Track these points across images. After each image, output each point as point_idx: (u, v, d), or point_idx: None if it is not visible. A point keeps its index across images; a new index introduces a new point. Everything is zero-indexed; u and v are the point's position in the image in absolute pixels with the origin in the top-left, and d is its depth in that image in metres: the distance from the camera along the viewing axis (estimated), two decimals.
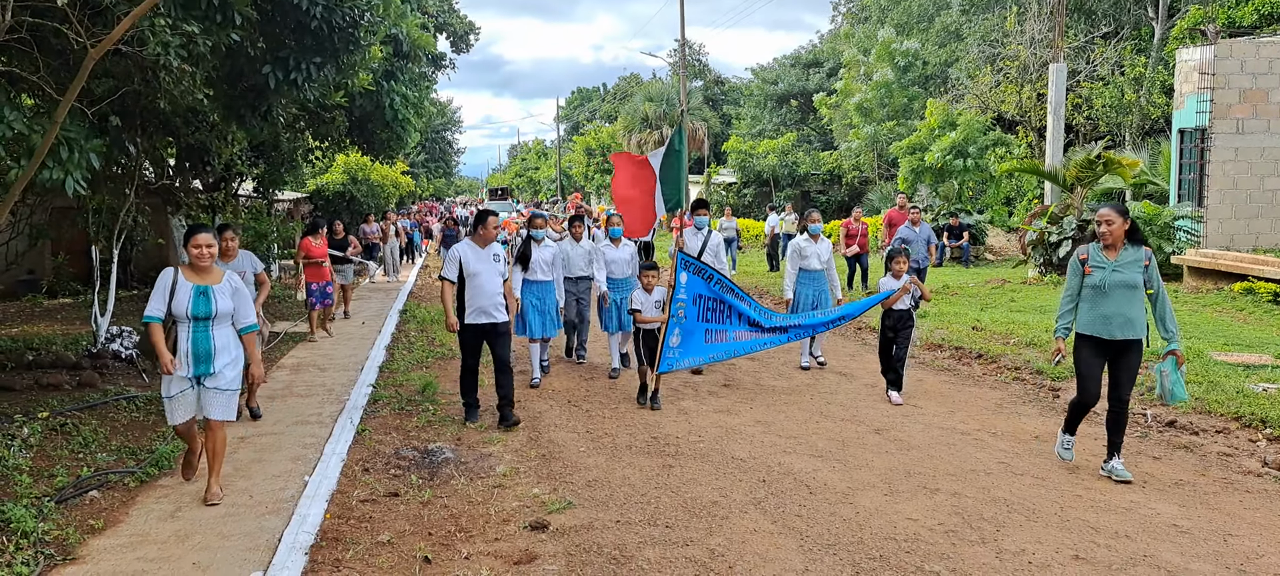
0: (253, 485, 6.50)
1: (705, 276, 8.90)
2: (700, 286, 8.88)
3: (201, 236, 6.09)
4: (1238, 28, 21.10)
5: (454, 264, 8.05)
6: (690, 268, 8.85)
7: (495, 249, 8.22)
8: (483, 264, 8.05)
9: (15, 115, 6.71)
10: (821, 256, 10.46)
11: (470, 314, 8.01)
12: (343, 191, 24.15)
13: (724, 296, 8.98)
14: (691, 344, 8.85)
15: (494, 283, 8.05)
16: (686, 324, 8.79)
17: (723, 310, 8.98)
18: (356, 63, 10.01)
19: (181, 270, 6.06)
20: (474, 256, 8.08)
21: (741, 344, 9.07)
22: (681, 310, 8.73)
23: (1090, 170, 18.98)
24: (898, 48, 32.49)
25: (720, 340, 9.00)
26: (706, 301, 8.90)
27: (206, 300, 5.99)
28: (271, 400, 9.15)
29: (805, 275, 10.48)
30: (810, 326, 9.35)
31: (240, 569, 5.07)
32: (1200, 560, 5.10)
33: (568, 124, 76.83)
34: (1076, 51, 27.22)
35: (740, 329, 9.02)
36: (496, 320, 8.08)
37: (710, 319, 8.93)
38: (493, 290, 8.03)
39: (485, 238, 8.17)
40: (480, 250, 8.14)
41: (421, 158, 48.61)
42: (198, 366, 5.99)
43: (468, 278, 7.99)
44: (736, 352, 9.17)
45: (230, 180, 17.22)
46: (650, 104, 48.98)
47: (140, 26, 6.97)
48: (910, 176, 27.43)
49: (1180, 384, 6.47)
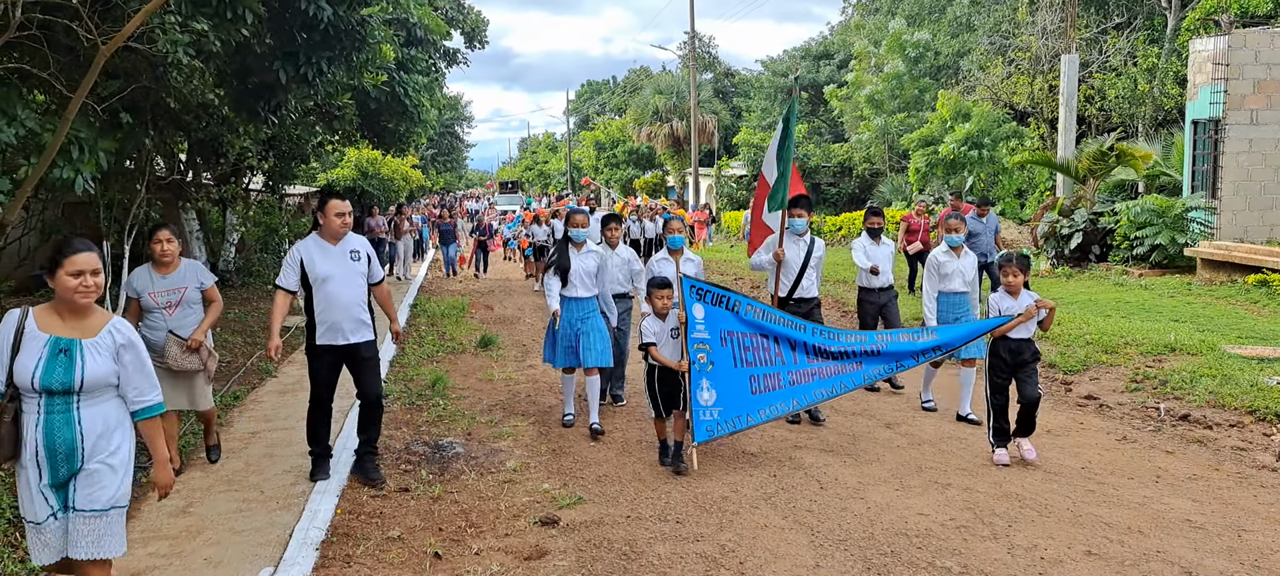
0: (264, 480, 6.52)
1: (728, 304, 6.87)
2: (726, 321, 6.85)
3: (80, 256, 3.74)
4: (1251, 18, 20.92)
5: (293, 268, 6.19)
6: (705, 297, 6.81)
7: (355, 245, 6.36)
8: (334, 264, 6.21)
9: (26, 112, 6.74)
10: (965, 275, 8.10)
11: (321, 332, 6.20)
12: (353, 186, 24.23)
13: (767, 326, 6.97)
14: (733, 398, 6.79)
15: (351, 290, 6.23)
16: (719, 372, 6.77)
17: (768, 346, 6.98)
18: (366, 61, 10.02)
19: (35, 313, 3.80)
20: (321, 256, 6.21)
21: (805, 388, 7.01)
22: (706, 354, 6.71)
23: (1103, 162, 18.89)
24: (908, 39, 32.35)
25: (772, 387, 6.94)
26: (740, 339, 6.89)
27: (67, 363, 3.68)
28: (282, 395, 9.18)
29: (945, 299, 8.09)
30: (897, 353, 7.13)
31: (252, 564, 5.09)
32: (1214, 555, 5.07)
33: (577, 117, 76.79)
34: (1088, 42, 27.05)
35: (798, 366, 7.01)
36: (355, 340, 6.25)
37: (752, 361, 6.92)
38: (350, 300, 6.21)
39: (333, 230, 6.26)
40: (330, 247, 6.25)
41: (431, 152, 48.67)
42: (55, 472, 3.71)
43: (315, 284, 6.17)
44: (802, 400, 7.05)
45: (241, 174, 17.28)
46: (660, 97, 48.89)
47: (150, 24, 6.99)
48: (922, 168, 27.32)
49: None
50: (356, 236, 6.44)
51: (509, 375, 10.28)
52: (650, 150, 51.00)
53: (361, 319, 6.27)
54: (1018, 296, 6.82)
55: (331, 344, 6.21)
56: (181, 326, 6.38)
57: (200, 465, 6.90)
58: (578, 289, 7.90)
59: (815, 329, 7.12)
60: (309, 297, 6.21)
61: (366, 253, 6.41)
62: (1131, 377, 9.04)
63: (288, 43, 9.16)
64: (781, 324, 7.04)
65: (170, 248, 6.38)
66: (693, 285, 6.81)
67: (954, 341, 7.13)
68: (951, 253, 8.14)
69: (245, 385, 9.54)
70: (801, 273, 7.97)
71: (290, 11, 8.71)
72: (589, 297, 7.95)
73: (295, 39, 9.09)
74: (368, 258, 6.40)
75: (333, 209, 6.22)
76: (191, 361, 6.35)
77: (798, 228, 8.02)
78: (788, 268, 7.96)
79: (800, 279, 7.97)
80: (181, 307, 6.39)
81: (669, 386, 6.74)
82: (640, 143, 50.81)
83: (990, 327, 6.86)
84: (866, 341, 7.17)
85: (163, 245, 6.34)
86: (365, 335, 6.32)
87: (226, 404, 8.69)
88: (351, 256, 6.27)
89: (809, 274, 7.99)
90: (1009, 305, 6.81)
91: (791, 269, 7.97)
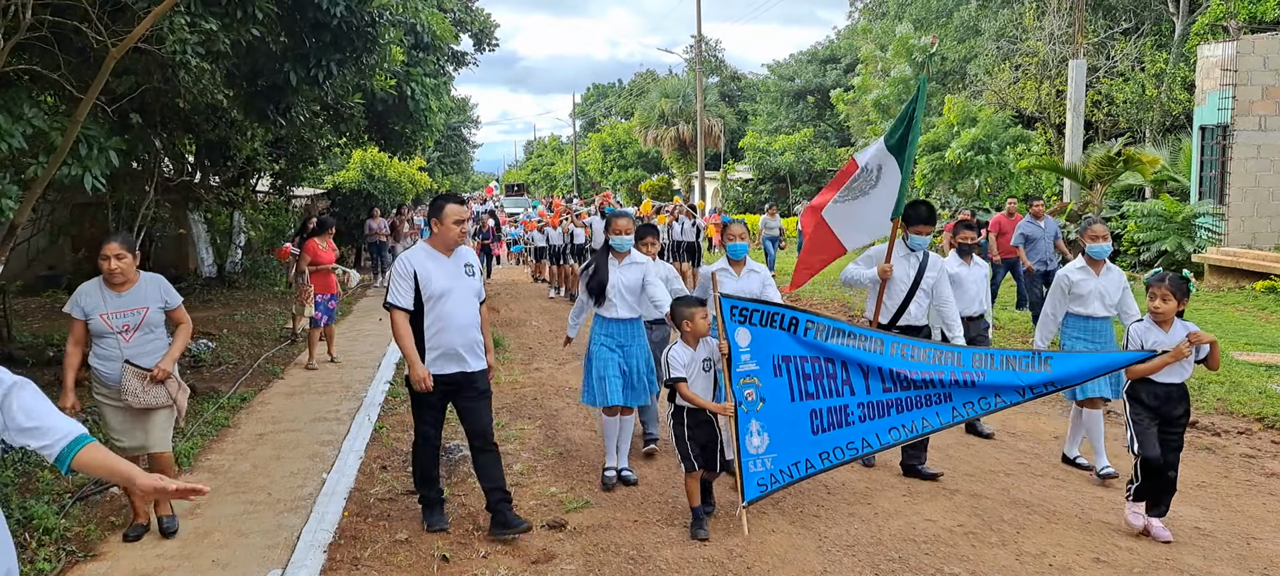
0: (271, 482, 6.53)
1: (783, 322, 5.58)
2: (780, 343, 5.57)
3: None
4: (1260, 23, 20.87)
5: (406, 282, 5.36)
6: (750, 317, 5.52)
7: (468, 258, 5.64)
8: (449, 279, 5.43)
9: (35, 112, 6.76)
10: (1107, 296, 6.54)
11: (432, 357, 5.38)
12: (359, 188, 24.24)
13: (833, 348, 5.62)
14: (790, 440, 5.53)
15: (468, 309, 5.46)
16: (772, 410, 5.50)
17: (833, 373, 5.65)
18: (376, 63, 10.03)
19: None
20: (435, 268, 5.42)
21: (880, 426, 5.63)
22: (754, 391, 5.47)
23: (1110, 167, 18.85)
24: (915, 43, 32.31)
25: (838, 424, 5.61)
26: (799, 365, 5.61)
27: None
28: (289, 398, 9.19)
29: (1078, 324, 6.61)
30: (998, 385, 5.55)
31: (259, 566, 5.09)
32: (1223, 564, 5.05)
33: (584, 120, 76.81)
34: (1096, 47, 27.00)
35: (871, 397, 5.64)
36: (471, 367, 5.47)
37: (814, 392, 5.61)
38: (466, 320, 5.44)
39: (450, 240, 5.49)
40: (444, 259, 5.48)
41: (437, 155, 48.73)
42: None
43: (427, 302, 5.37)
44: (875, 440, 5.66)
45: (249, 176, 17.32)
46: (666, 100, 48.93)
47: (159, 24, 6.99)
48: (929, 173, 27.29)
49: None
50: (467, 248, 5.70)
51: (515, 378, 10.28)
52: (656, 154, 51.04)
53: (477, 341, 5.51)
54: (1170, 328, 5.39)
55: (444, 372, 5.38)
56: (141, 354, 5.29)
57: (207, 466, 6.91)
58: (618, 308, 6.50)
59: (895, 344, 5.72)
60: (416, 318, 5.36)
61: (478, 267, 5.74)
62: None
63: (298, 44, 9.17)
64: (852, 344, 5.64)
65: (121, 265, 5.25)
66: (734, 306, 5.51)
67: (1072, 376, 5.53)
68: (1089, 268, 6.58)
69: (252, 387, 9.55)
70: (910, 295, 6.48)
71: (301, 13, 8.73)
72: (633, 319, 6.53)
73: (305, 41, 9.11)
74: (478, 273, 5.71)
75: (451, 215, 5.41)
76: (155, 395, 5.31)
77: (914, 244, 6.50)
78: (892, 287, 6.46)
79: (908, 303, 6.47)
80: (141, 332, 5.31)
81: (705, 433, 5.49)
82: (646, 146, 50.86)
83: (1125, 363, 5.44)
84: (960, 364, 5.63)
85: (111, 263, 5.24)
86: (481, 362, 5.53)
87: (234, 406, 8.71)
88: (466, 271, 5.52)
89: (918, 298, 6.48)
90: (1156, 338, 5.39)
91: (897, 289, 6.47)
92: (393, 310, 5.36)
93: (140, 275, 5.42)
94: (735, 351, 5.45)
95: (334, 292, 10.85)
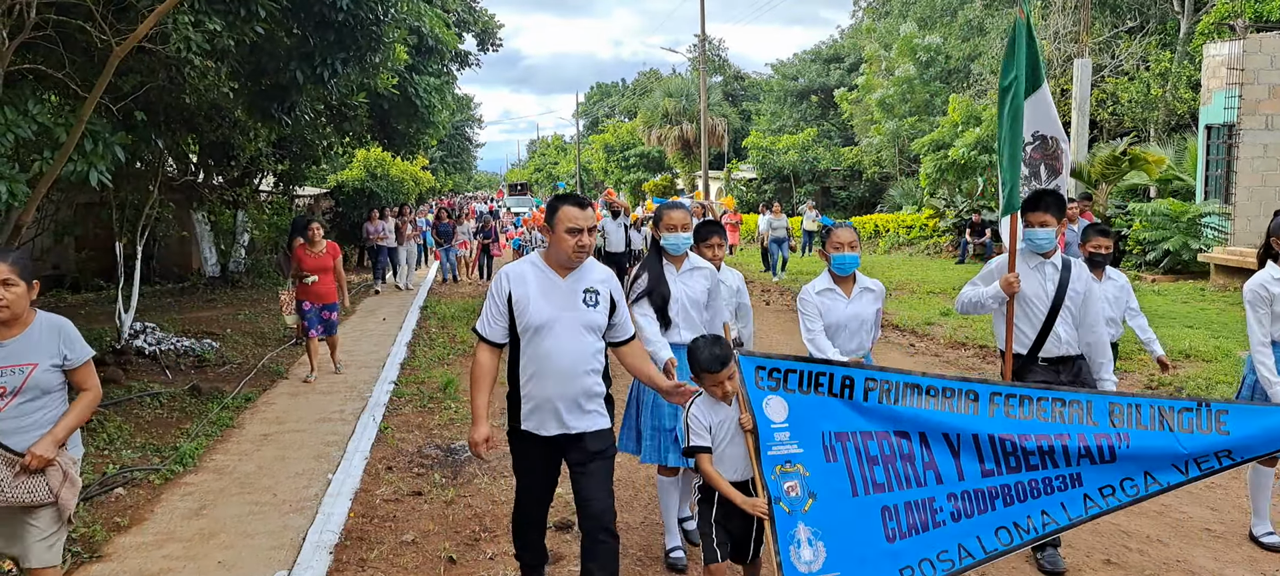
0: (277, 483, 6.51)
1: (833, 386, 3.98)
2: (831, 414, 3.97)
3: None
4: (1266, 22, 20.81)
5: (496, 303, 4.03)
6: (785, 380, 3.96)
7: (592, 280, 4.10)
8: (556, 306, 4.00)
9: (39, 108, 6.74)
10: None
11: (527, 410, 4.05)
12: (362, 187, 24.23)
13: (908, 412, 3.99)
14: (854, 551, 3.85)
15: (579, 349, 4.00)
16: (826, 508, 3.86)
17: (910, 450, 3.99)
18: (381, 61, 10.01)
19: None
20: (539, 290, 4.03)
21: (984, 524, 3.96)
22: (799, 484, 3.86)
23: (1115, 166, 18.83)
24: (920, 42, 32.28)
25: (921, 524, 3.93)
26: (860, 443, 3.96)
27: None
28: (293, 398, 9.17)
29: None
30: (1156, 453, 3.98)
31: (265, 567, 5.07)
32: (1234, 565, 5.02)
33: (587, 119, 76.84)
34: (1101, 46, 26.96)
35: (968, 482, 3.98)
36: (578, 428, 4.03)
37: (883, 482, 3.95)
38: (574, 363, 3.99)
39: (565, 255, 4.02)
40: (556, 279, 4.05)
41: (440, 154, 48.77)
42: None
43: (526, 333, 4.00)
44: (977, 548, 3.94)
45: (252, 175, 17.33)
46: (670, 99, 48.95)
47: (163, 23, 6.98)
48: (933, 172, 27.26)
49: None
50: (599, 265, 4.25)
51: None
52: (660, 153, 51.03)
53: (591, 392, 4.04)
54: None
55: (540, 432, 4.03)
56: (18, 430, 3.71)
57: (212, 466, 6.89)
58: (681, 329, 4.89)
59: (995, 396, 4.01)
60: (512, 352, 4.07)
61: (610, 292, 4.12)
62: (1146, 384, 8.97)
63: (302, 43, 9.16)
64: (934, 404, 3.99)
65: (6, 297, 3.67)
66: (759, 365, 3.94)
67: (1261, 441, 3.91)
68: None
69: (257, 387, 9.53)
70: (1052, 316, 4.91)
71: (305, 11, 8.71)
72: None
73: (310, 39, 9.09)
74: (612, 302, 4.12)
75: (564, 221, 3.96)
76: (29, 489, 3.69)
77: (1039, 242, 4.94)
78: (1027, 307, 4.96)
79: (1050, 325, 4.92)
80: (21, 398, 3.72)
81: (740, 523, 3.99)
82: (650, 145, 50.85)
83: None
84: (1091, 417, 3.98)
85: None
86: (595, 421, 4.07)
87: (238, 406, 8.68)
88: (586, 299, 4.03)
89: (1063, 316, 4.91)
90: None
91: (1033, 309, 4.95)
92: (481, 344, 4.07)
93: (36, 315, 3.85)
94: (765, 428, 3.86)
95: (329, 302, 9.78)
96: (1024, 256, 5.00)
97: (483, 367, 4.05)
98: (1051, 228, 4.91)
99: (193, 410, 8.44)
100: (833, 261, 4.95)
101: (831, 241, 4.97)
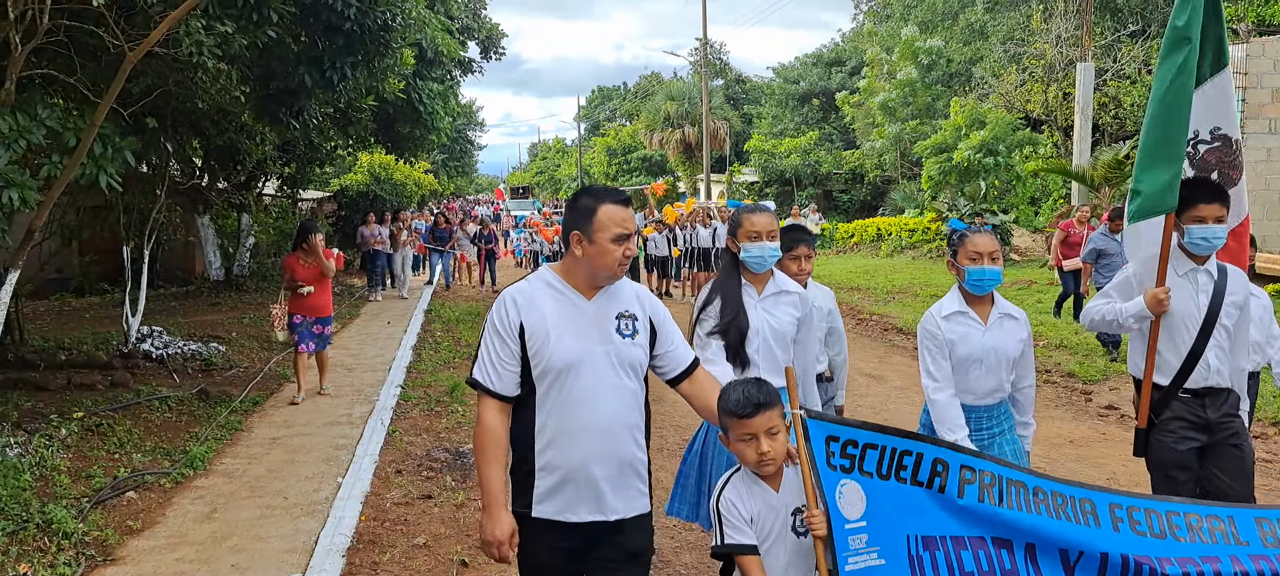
0: (287, 486, 6.52)
1: (919, 470, 2.90)
2: (920, 510, 2.91)
3: None
4: (1269, 26, 20.85)
5: (504, 341, 2.92)
6: (859, 459, 2.87)
7: (626, 303, 3.04)
8: (585, 338, 2.94)
9: (48, 112, 6.75)
10: None
11: (542, 490, 2.94)
12: (366, 191, 24.25)
13: (1010, 516, 2.93)
14: None
15: (616, 398, 2.95)
16: None
17: (1016, 568, 2.93)
18: (389, 66, 10.05)
19: None
20: (561, 317, 2.96)
21: None
22: None
23: (1118, 170, 18.83)
24: (921, 46, 32.29)
25: None
26: (955, 554, 2.90)
27: None
28: (300, 402, 9.17)
29: None
30: None
31: (279, 571, 5.09)
32: None
33: (588, 123, 76.86)
34: (1103, 50, 26.98)
35: None
36: (618, 513, 2.98)
37: None
38: (608, 419, 2.93)
39: (602, 268, 2.96)
40: (581, 302, 3.00)
41: (442, 157, 48.84)
42: None
43: (545, 379, 2.92)
44: None
45: (258, 179, 17.36)
46: (672, 103, 48.98)
47: (175, 27, 6.99)
48: (935, 176, 27.29)
49: None
50: (632, 284, 3.15)
51: None
52: (662, 156, 51.07)
53: (635, 461, 3.01)
54: None
55: (565, 519, 2.94)
56: None
57: (222, 470, 6.91)
58: (760, 367, 3.86)
59: (1117, 508, 3.01)
60: (524, 400, 2.95)
61: (650, 316, 3.08)
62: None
63: (311, 47, 9.19)
64: (1042, 507, 2.97)
65: None
66: (830, 434, 2.86)
67: None
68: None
69: (263, 391, 9.55)
70: (1204, 337, 3.99)
71: (315, 16, 8.73)
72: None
73: (319, 43, 9.12)
74: (652, 329, 3.07)
75: (611, 222, 2.92)
76: None
77: (1197, 242, 4.00)
78: (1173, 328, 4.04)
79: (1202, 348, 4.00)
80: None
81: None
82: (652, 149, 50.88)
83: None
84: (1246, 540, 3.00)
85: None
86: (637, 502, 3.03)
87: (246, 409, 8.70)
88: (620, 327, 2.99)
89: (1217, 336, 3.99)
90: None
91: (1181, 328, 4.03)
92: (479, 395, 2.94)
93: None
94: (840, 531, 2.79)
95: (324, 315, 9.12)
96: (1178, 264, 4.03)
97: (491, 433, 2.90)
98: (1221, 225, 3.94)
99: (201, 414, 8.46)
100: (967, 277, 3.84)
101: (966, 250, 3.85)
